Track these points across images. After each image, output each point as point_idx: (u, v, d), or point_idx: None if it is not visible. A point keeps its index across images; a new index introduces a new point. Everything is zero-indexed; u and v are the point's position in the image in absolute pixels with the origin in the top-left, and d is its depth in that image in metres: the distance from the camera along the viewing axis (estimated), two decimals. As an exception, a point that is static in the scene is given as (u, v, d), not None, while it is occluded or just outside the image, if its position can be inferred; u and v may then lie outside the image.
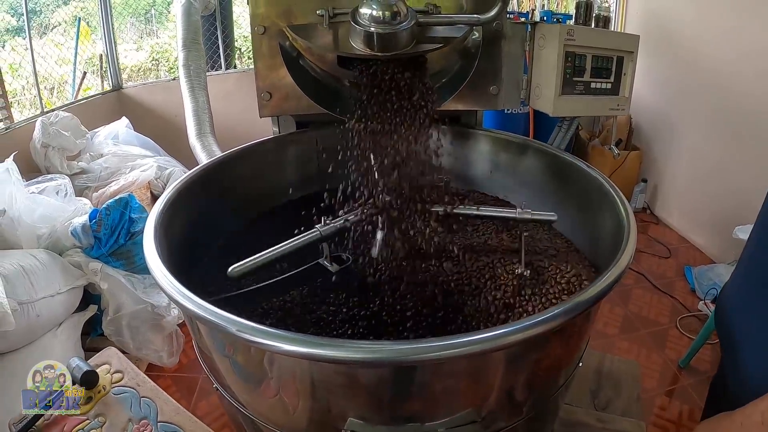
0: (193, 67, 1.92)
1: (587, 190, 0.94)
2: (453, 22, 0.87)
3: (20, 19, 3.98)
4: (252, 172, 1.07)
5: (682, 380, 1.81)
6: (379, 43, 0.78)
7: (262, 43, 0.97)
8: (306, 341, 0.52)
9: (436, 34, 0.86)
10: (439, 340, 0.52)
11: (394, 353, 0.51)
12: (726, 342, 0.77)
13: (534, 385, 0.69)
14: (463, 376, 0.59)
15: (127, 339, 1.66)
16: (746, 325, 0.71)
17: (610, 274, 0.61)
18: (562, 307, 0.56)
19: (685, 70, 2.62)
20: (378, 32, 0.77)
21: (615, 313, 2.13)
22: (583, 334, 0.77)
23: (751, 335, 0.70)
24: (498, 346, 0.53)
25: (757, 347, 0.68)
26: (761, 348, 0.67)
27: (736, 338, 0.73)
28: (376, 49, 0.78)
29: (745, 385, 0.67)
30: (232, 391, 0.72)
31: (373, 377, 0.58)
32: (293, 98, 1.01)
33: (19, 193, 1.67)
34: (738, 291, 0.76)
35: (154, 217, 0.79)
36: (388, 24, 0.77)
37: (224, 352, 0.66)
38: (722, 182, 2.38)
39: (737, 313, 0.74)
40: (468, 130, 1.16)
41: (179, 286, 0.62)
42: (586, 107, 1.05)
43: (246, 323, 0.54)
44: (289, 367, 0.60)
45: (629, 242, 0.70)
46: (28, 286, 1.52)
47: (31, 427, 0.81)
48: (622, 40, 1.04)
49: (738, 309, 0.74)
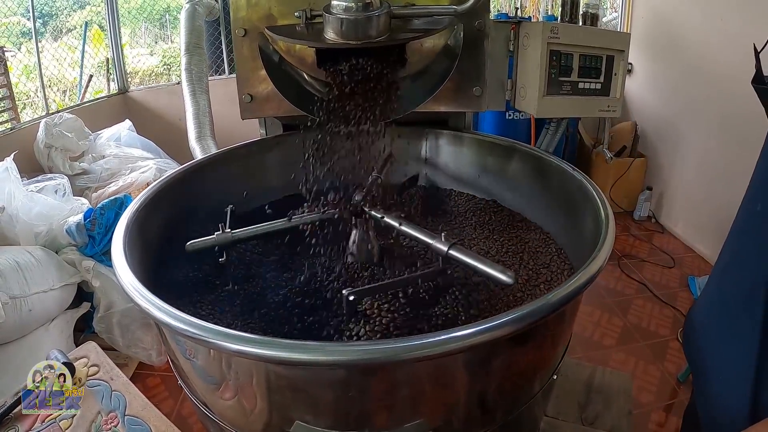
0: (195, 71, 1.95)
1: (571, 191, 0.92)
2: (429, 13, 0.86)
3: (37, 21, 4.09)
4: (231, 175, 1.07)
5: (680, 395, 1.74)
6: (350, 30, 0.77)
7: (243, 45, 0.97)
8: (250, 341, 0.50)
9: (415, 27, 0.86)
10: (390, 342, 0.50)
11: (341, 354, 0.49)
12: (696, 368, 0.68)
13: (503, 392, 0.67)
14: (417, 380, 0.57)
15: (117, 337, 1.67)
16: (717, 349, 0.63)
17: (574, 280, 0.59)
18: (517, 313, 0.53)
19: (691, 76, 2.57)
20: (349, 18, 0.77)
21: (613, 324, 2.08)
22: (558, 340, 0.74)
23: (722, 360, 0.62)
24: (449, 350, 0.51)
25: (729, 375, 0.59)
26: (734, 377, 0.58)
27: (707, 364, 0.65)
28: (348, 37, 0.77)
29: (716, 420, 0.60)
30: (195, 392, 0.71)
31: (317, 379, 0.56)
32: (274, 101, 1.01)
33: (17, 191, 1.70)
34: (709, 309, 0.69)
35: (128, 215, 0.79)
36: (360, 12, 0.77)
37: (186, 355, 0.66)
38: (729, 190, 2.31)
39: (708, 335, 0.66)
40: (455, 133, 1.15)
41: (138, 283, 0.61)
42: (573, 108, 1.03)
43: (196, 322, 0.53)
44: (240, 366, 0.59)
45: (605, 245, 0.68)
46: (22, 281, 1.54)
47: (7, 416, 0.83)
48: (611, 39, 1.01)
49: (709, 330, 0.67)
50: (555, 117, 1.06)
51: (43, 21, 4.26)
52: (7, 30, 3.42)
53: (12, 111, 2.46)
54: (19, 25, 4.09)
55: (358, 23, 0.77)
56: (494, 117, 2.54)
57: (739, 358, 0.58)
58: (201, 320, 0.53)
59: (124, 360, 1.75)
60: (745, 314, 0.58)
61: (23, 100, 3.87)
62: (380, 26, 0.78)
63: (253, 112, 1.03)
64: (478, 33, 0.97)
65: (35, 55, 2.64)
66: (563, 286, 0.58)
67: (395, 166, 0.88)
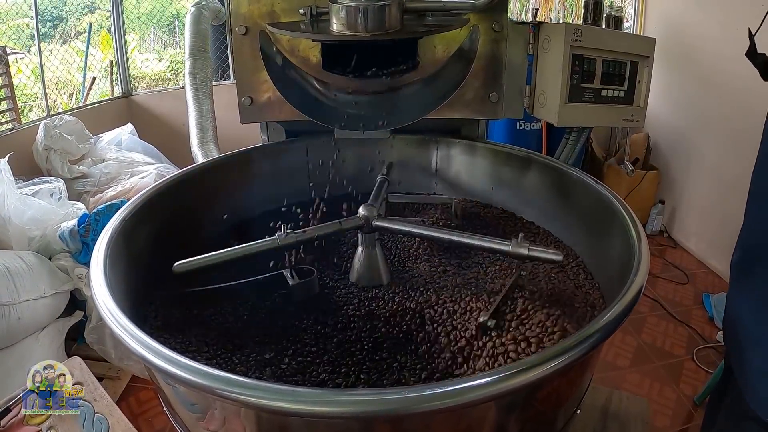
0: (199, 75, 1.90)
1: (596, 209, 0.85)
2: (445, 6, 0.80)
3: (46, 24, 4.09)
4: (229, 183, 1.01)
5: (696, 418, 1.65)
6: (360, 20, 0.72)
7: (243, 44, 0.91)
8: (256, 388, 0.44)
9: (429, 23, 0.80)
10: (406, 390, 0.43)
11: (355, 404, 0.42)
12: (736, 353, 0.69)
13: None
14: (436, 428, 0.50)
15: (110, 348, 1.60)
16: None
17: (612, 311, 0.52)
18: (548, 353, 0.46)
19: (706, 88, 2.51)
20: (359, 7, 0.72)
21: (626, 343, 2.00)
22: (587, 372, 0.67)
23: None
24: (476, 399, 0.43)
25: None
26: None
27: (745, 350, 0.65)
28: (357, 29, 0.72)
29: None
30: (178, 419, 0.64)
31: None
32: (276, 103, 0.95)
33: (10, 193, 1.65)
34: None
35: (108, 233, 0.73)
36: (370, 0, 0.72)
37: (166, 380, 0.59)
38: (743, 204, 2.24)
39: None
40: (468, 142, 1.09)
41: (114, 306, 0.55)
42: (596, 117, 0.96)
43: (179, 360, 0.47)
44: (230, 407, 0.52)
45: (638, 274, 0.60)
46: (11, 288, 1.48)
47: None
48: (636, 43, 0.95)
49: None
50: (576, 126, 0.99)
51: (52, 24, 4.27)
52: (16, 32, 3.41)
53: (13, 112, 2.42)
54: (28, 28, 4.10)
55: (368, 12, 0.72)
56: (504, 128, 2.48)
57: None
58: (184, 357, 0.46)
59: (116, 372, 1.68)
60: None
61: (30, 102, 3.86)
62: (392, 18, 0.72)
63: (253, 115, 0.97)
64: (495, 35, 0.91)
65: (46, 57, 2.60)
66: (604, 317, 0.51)
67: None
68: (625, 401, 1.21)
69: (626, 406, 1.19)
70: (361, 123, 0.86)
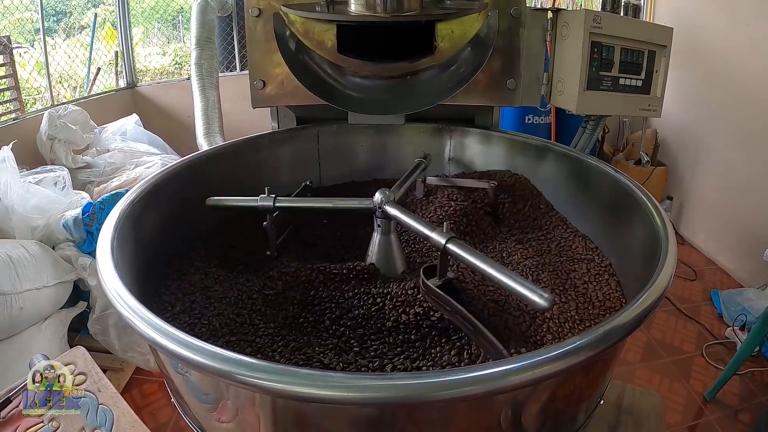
0: (205, 66, 1.88)
1: (615, 198, 0.83)
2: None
3: (50, 19, 4.07)
4: (236, 170, 0.99)
5: (707, 414, 1.65)
6: (380, 1, 0.71)
7: (257, 26, 0.89)
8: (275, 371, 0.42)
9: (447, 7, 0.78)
10: (428, 376, 0.41)
11: (374, 391, 0.40)
12: None
13: (548, 426, 0.58)
14: (461, 417, 0.48)
15: (113, 340, 1.58)
16: None
17: (642, 300, 0.50)
18: (584, 339, 0.45)
19: (715, 84, 2.48)
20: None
21: (636, 339, 1.98)
22: (608, 368, 0.65)
23: None
24: (501, 388, 0.42)
25: None
26: None
27: None
28: (376, 10, 0.70)
29: None
30: (188, 411, 0.63)
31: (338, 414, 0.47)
32: (289, 87, 0.92)
33: (14, 182, 1.63)
34: None
35: (115, 217, 0.71)
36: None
37: (177, 369, 0.57)
38: (752, 201, 2.23)
39: None
40: (482, 131, 1.06)
41: (123, 288, 0.53)
42: (614, 105, 0.94)
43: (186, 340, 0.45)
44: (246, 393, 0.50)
45: (667, 263, 0.58)
46: (14, 277, 1.46)
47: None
48: (654, 32, 0.93)
49: None
50: (594, 114, 0.97)
51: (56, 18, 4.25)
52: (21, 26, 3.38)
53: (17, 102, 2.40)
54: (32, 21, 4.07)
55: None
56: (513, 122, 2.45)
57: None
58: (199, 341, 0.44)
59: (120, 364, 1.66)
60: None
61: (34, 96, 3.84)
62: (411, 0, 0.70)
63: (265, 100, 0.95)
64: (513, 21, 0.89)
65: (50, 50, 2.57)
66: (631, 307, 0.49)
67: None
68: (639, 396, 1.20)
69: (639, 400, 1.17)
70: (375, 107, 0.84)
